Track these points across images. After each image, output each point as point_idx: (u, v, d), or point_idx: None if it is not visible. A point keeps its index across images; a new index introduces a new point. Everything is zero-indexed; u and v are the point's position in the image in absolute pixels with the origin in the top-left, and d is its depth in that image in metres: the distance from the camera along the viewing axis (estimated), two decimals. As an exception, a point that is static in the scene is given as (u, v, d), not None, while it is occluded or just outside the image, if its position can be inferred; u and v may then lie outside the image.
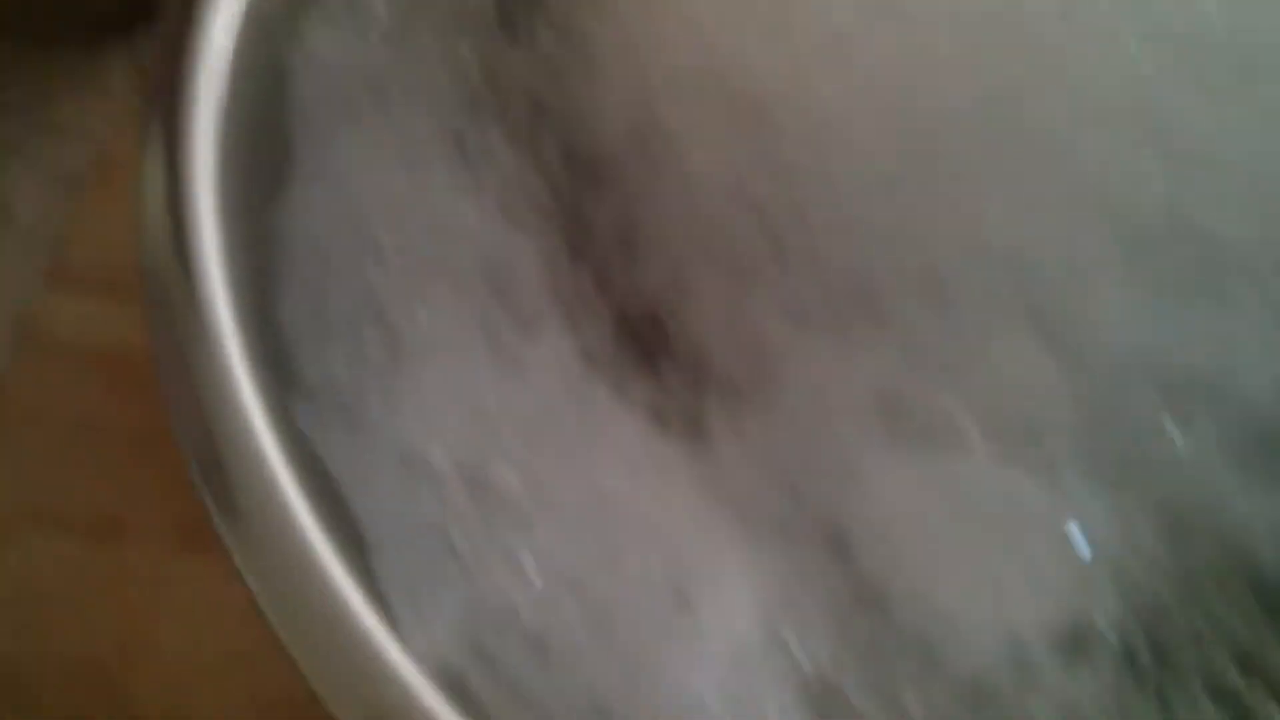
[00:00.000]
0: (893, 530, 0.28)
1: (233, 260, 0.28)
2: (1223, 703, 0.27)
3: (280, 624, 0.23)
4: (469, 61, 0.33)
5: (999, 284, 0.27)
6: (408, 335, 0.30)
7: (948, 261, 0.28)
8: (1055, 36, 0.26)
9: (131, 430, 0.42)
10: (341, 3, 0.33)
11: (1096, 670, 0.27)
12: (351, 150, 0.32)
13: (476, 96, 0.34)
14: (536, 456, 0.29)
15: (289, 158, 0.31)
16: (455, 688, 0.23)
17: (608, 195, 0.33)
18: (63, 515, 0.40)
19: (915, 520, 0.27)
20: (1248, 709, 0.27)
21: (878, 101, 0.28)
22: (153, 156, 0.29)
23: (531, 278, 0.32)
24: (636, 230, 0.32)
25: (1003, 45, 0.27)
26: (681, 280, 0.32)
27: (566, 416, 0.30)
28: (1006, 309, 0.27)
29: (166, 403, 0.26)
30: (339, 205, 0.31)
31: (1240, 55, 0.26)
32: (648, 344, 0.32)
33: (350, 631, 0.23)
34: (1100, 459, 0.27)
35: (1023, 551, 0.27)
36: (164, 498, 0.41)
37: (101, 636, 0.39)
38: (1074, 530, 0.27)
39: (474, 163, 0.33)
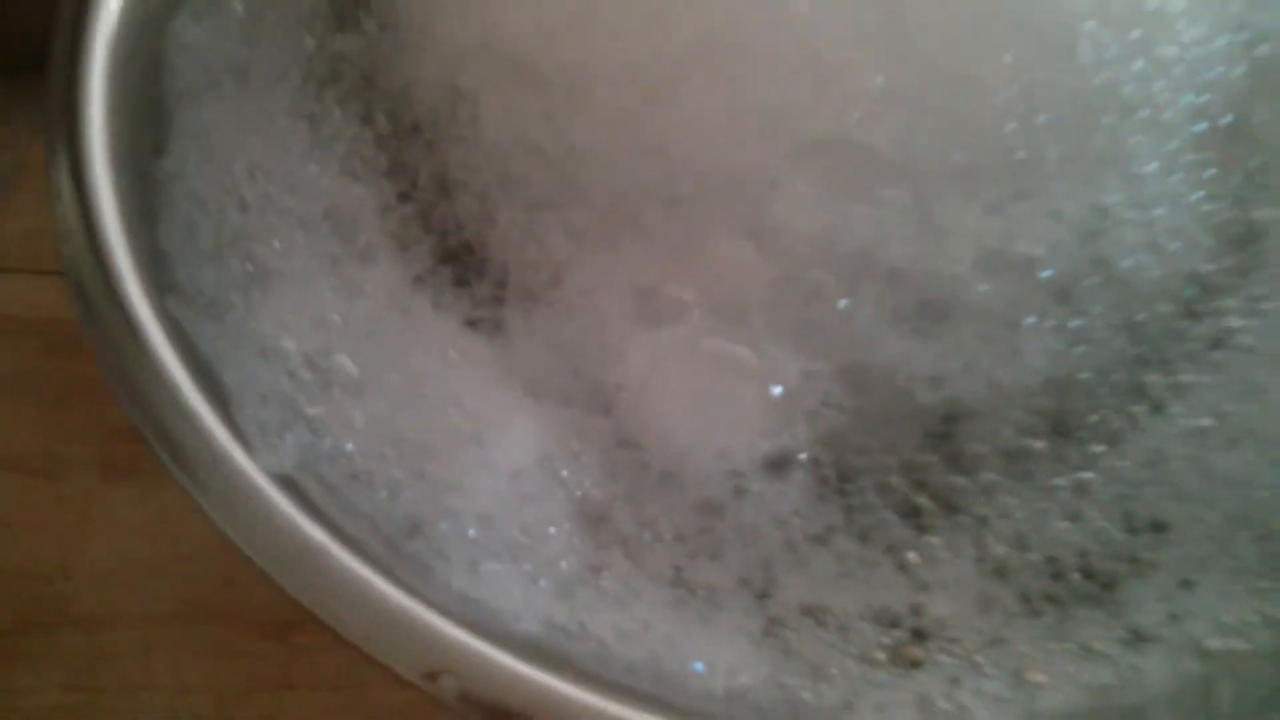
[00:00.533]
0: (643, 390, 0.36)
1: (122, 200, 0.36)
2: (893, 506, 0.36)
3: (168, 456, 0.31)
4: (311, 48, 0.41)
5: (717, 197, 0.36)
6: (265, 263, 0.38)
7: (680, 183, 0.37)
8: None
9: (60, 382, 0.49)
10: (206, 2, 0.41)
11: (795, 487, 0.36)
12: (219, 121, 0.40)
13: (319, 76, 0.42)
14: (368, 351, 0.37)
15: (169, 126, 0.39)
16: (295, 494, 0.31)
17: (425, 150, 0.41)
18: (7, 455, 0.48)
19: (659, 382, 0.36)
20: (913, 507, 0.36)
21: (620, 57, 0.36)
22: (55, 128, 0.37)
23: (367, 219, 0.41)
24: (449, 177, 0.41)
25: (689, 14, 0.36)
26: (487, 214, 0.40)
27: (394, 323, 0.38)
28: (723, 216, 0.36)
29: (77, 308, 0.34)
30: (209, 164, 0.39)
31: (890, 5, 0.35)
32: (462, 266, 0.40)
33: (216, 453, 0.31)
34: (792, 326, 0.36)
35: (737, 401, 0.36)
36: (91, 437, 0.48)
37: (43, 553, 0.47)
38: (774, 382, 0.36)
39: (319, 129, 0.41)
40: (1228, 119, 0.39)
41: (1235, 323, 0.37)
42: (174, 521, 0.45)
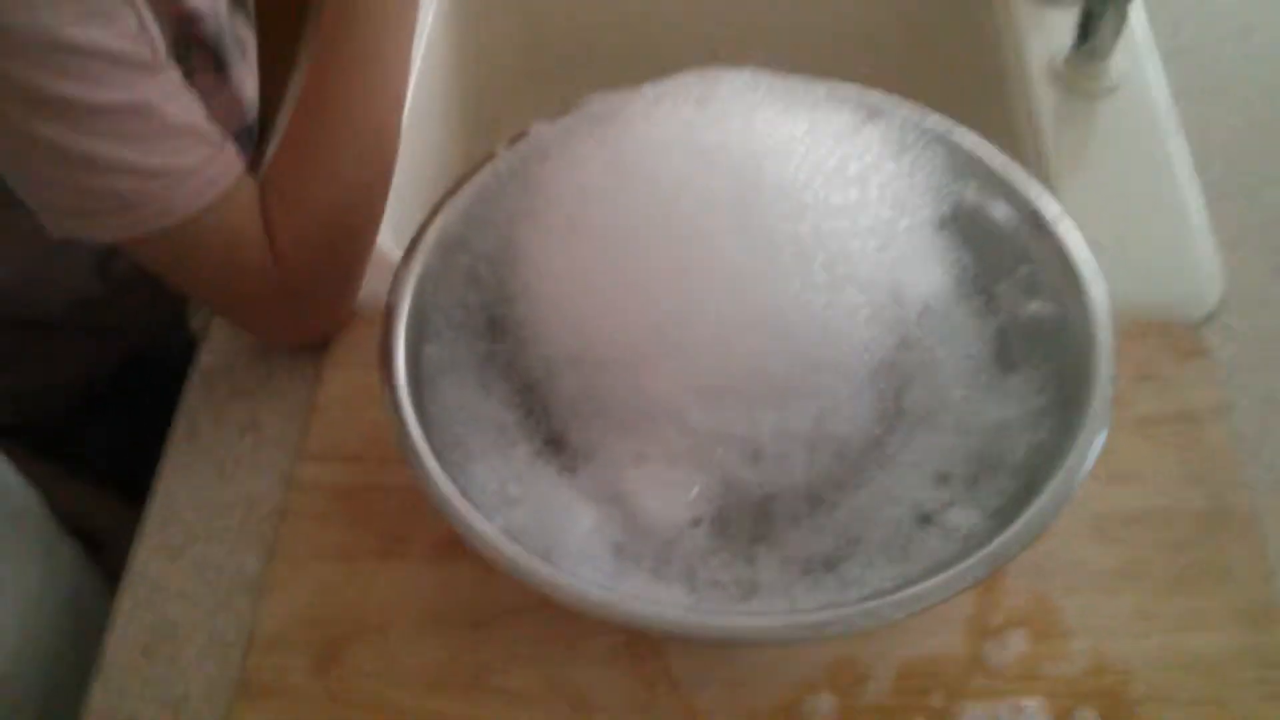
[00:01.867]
0: (636, 496, 0.87)
1: (419, 420, 0.88)
2: (745, 535, 0.86)
3: (452, 521, 0.83)
4: (482, 349, 0.94)
5: (664, 409, 0.88)
6: (470, 448, 0.89)
7: (649, 404, 0.89)
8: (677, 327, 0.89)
9: (350, 515, 1.00)
10: (434, 333, 0.94)
11: (703, 531, 0.86)
12: (442, 385, 0.91)
13: (486, 361, 0.95)
14: (520, 484, 0.87)
15: (424, 386, 0.91)
16: (507, 537, 0.83)
17: (539, 397, 0.91)
18: (329, 551, 0.89)
19: (641, 491, 0.88)
20: (756, 534, 0.87)
21: (618, 339, 0.90)
22: (388, 391, 0.90)
23: (513, 427, 0.92)
24: (549, 406, 0.92)
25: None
26: (566, 424, 0.90)
27: (529, 474, 0.90)
28: (666, 418, 0.89)
29: (411, 471, 0.86)
30: (441, 405, 0.91)
31: (729, 342, 0.89)
32: (558, 446, 0.91)
33: (471, 521, 0.83)
34: (699, 464, 0.87)
35: (677, 496, 0.88)
36: (368, 539, 0.95)
37: (356, 603, 0.92)
38: (692, 486, 0.88)
39: (487, 388, 0.93)
40: (891, 359, 0.91)
41: (892, 450, 0.90)
42: (412, 576, 0.94)
